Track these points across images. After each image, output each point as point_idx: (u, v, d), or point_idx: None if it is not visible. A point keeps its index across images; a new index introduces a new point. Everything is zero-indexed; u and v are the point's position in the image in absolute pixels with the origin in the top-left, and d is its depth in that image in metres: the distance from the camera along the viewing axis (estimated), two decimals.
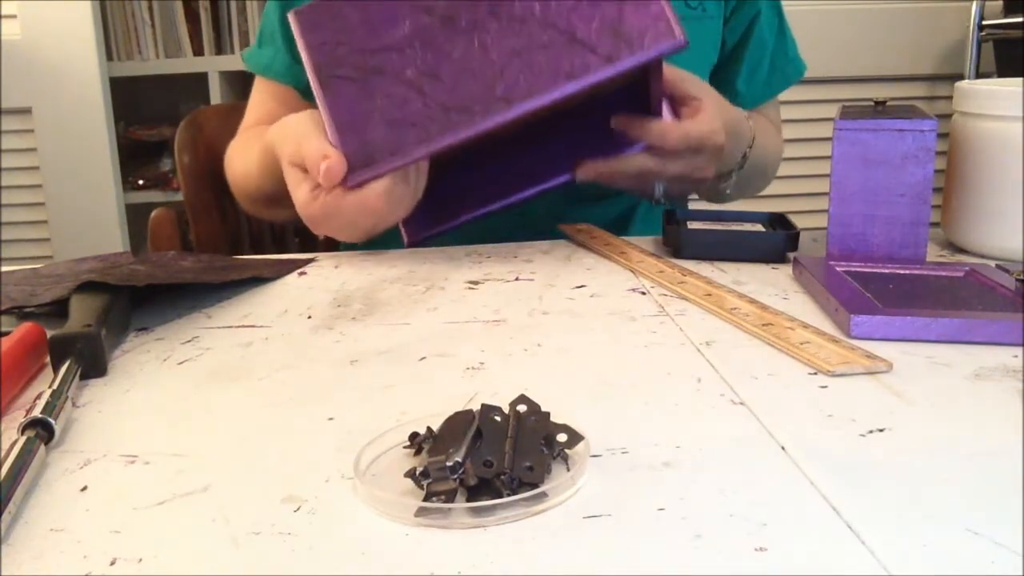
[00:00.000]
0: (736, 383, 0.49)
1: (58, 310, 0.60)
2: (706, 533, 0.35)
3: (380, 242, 0.76)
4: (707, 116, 0.75)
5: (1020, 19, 1.97)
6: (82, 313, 0.56)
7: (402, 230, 0.80)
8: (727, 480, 0.39)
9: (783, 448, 0.41)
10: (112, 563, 0.34)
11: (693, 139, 0.74)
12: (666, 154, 0.75)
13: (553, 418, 0.41)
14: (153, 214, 1.00)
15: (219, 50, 2.23)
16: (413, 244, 0.80)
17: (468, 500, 0.37)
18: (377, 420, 0.45)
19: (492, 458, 0.38)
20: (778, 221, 0.77)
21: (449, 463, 0.37)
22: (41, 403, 0.44)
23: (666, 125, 0.75)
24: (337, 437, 0.44)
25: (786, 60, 0.98)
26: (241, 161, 0.92)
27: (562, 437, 0.40)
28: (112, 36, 2.20)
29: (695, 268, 0.69)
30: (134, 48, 2.21)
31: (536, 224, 0.86)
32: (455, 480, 0.37)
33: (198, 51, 2.21)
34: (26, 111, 2.07)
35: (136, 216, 2.22)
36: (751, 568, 0.33)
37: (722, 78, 0.96)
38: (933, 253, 0.73)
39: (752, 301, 0.60)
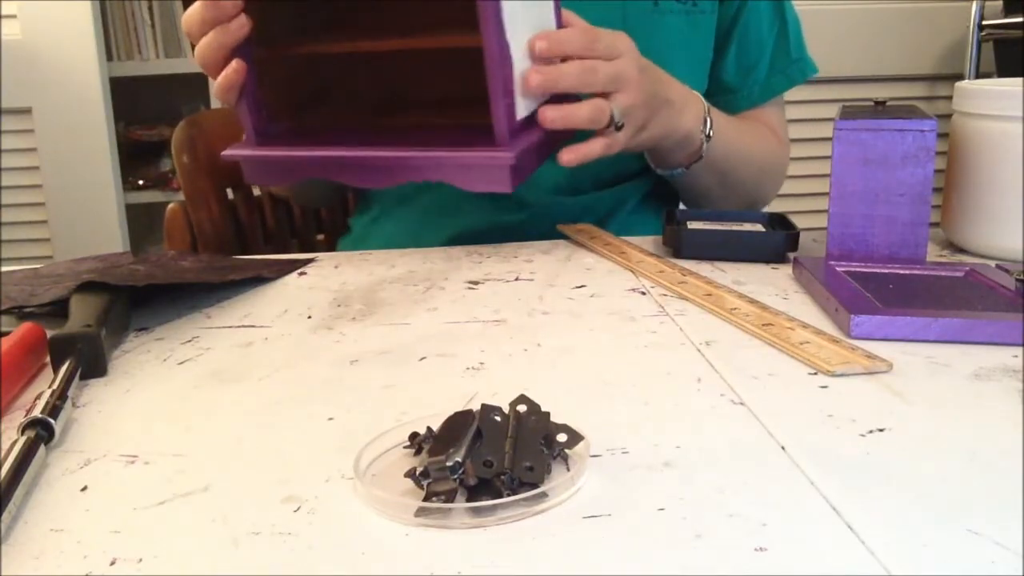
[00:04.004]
0: (736, 383, 0.49)
1: (58, 310, 0.60)
2: (706, 533, 0.35)
3: (380, 243, 0.76)
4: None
5: (1020, 19, 1.98)
6: (82, 313, 0.56)
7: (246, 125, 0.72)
8: (727, 480, 0.39)
9: (783, 448, 0.41)
10: (112, 563, 0.34)
11: (578, 31, 0.69)
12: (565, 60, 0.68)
13: (553, 418, 0.42)
14: (168, 208, 1.01)
15: None
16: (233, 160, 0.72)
17: (468, 500, 0.37)
18: (377, 420, 0.45)
19: (492, 458, 0.38)
20: (778, 221, 0.77)
21: (449, 463, 0.37)
22: (41, 403, 0.44)
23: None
24: (337, 437, 0.44)
25: (788, 60, 0.95)
26: None
27: (562, 437, 0.40)
28: (112, 36, 2.20)
29: (695, 268, 0.69)
30: (134, 48, 2.22)
31: (535, 222, 0.86)
32: (455, 480, 0.37)
33: None
34: (26, 111, 2.07)
35: (136, 216, 2.22)
36: (751, 568, 0.33)
37: (712, 74, 0.94)
38: (933, 253, 0.73)
39: (752, 301, 0.60)
